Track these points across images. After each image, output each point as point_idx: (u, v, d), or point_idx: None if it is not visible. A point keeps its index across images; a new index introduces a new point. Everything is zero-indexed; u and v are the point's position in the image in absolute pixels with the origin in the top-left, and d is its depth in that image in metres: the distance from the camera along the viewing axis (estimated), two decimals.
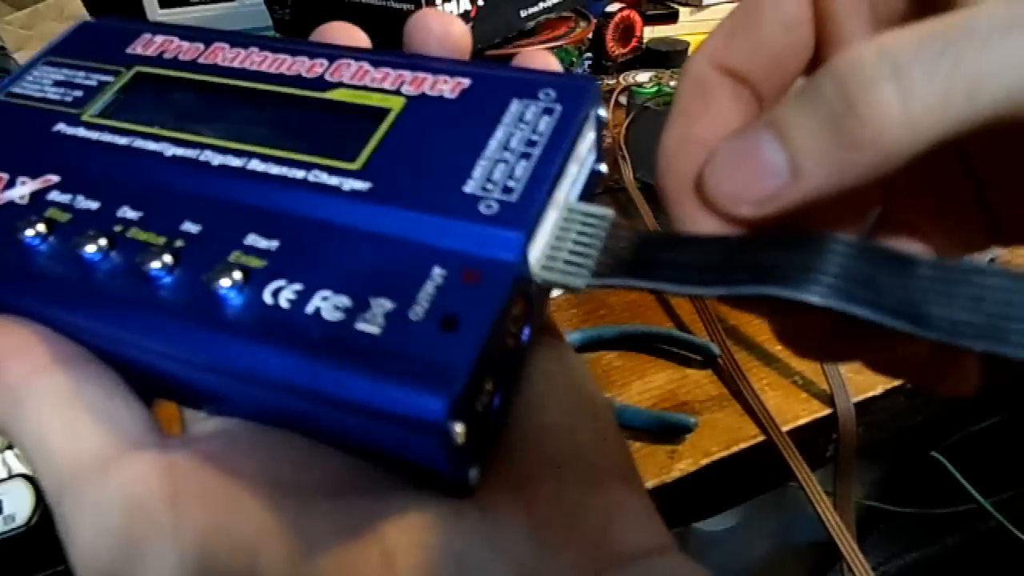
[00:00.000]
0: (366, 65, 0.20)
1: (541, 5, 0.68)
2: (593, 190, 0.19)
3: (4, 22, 0.70)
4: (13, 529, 0.35)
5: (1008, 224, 0.18)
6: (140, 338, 0.16)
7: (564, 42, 0.70)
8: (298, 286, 0.15)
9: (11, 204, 0.18)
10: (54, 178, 0.19)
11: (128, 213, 0.17)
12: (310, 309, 0.15)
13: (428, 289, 0.15)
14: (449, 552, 0.15)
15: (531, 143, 0.17)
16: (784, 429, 0.43)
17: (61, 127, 0.20)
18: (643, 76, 0.73)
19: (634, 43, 0.77)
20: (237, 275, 0.16)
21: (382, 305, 0.15)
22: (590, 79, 0.19)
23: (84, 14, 0.74)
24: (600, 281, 0.16)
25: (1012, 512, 0.76)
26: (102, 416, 0.16)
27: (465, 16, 0.62)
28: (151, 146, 0.19)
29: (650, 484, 0.40)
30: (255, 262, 0.16)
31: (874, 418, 0.46)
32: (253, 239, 0.17)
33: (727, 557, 0.83)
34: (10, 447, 0.38)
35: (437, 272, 0.15)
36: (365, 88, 0.19)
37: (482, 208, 0.16)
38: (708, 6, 0.77)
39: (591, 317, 0.51)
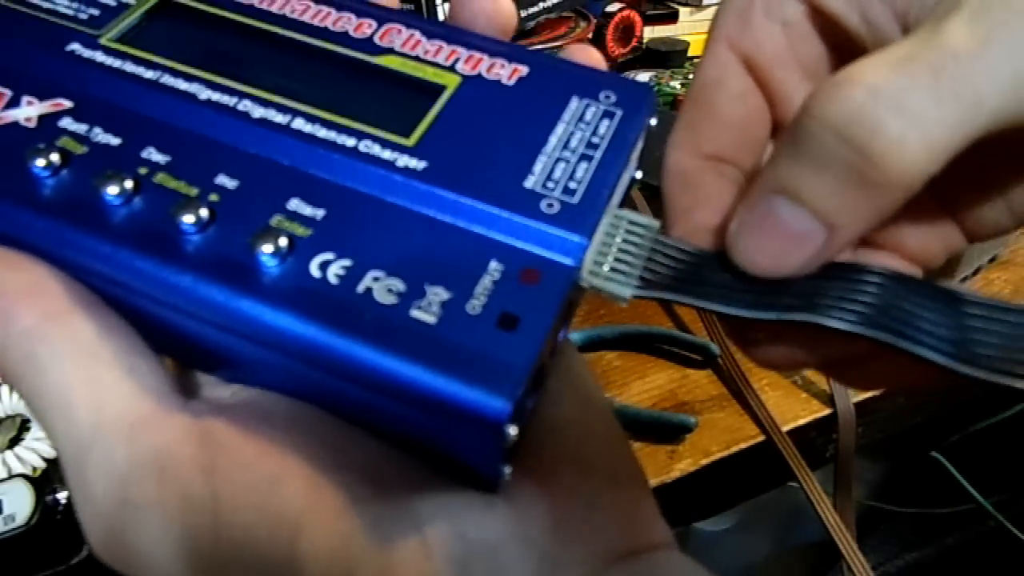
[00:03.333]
0: (418, 34, 0.19)
1: (541, 5, 0.68)
2: (627, 196, 0.19)
3: None
4: (13, 529, 0.35)
5: (969, 224, 0.18)
6: (164, 294, 0.15)
7: (564, 42, 0.69)
8: (347, 262, 0.15)
9: (15, 125, 0.16)
10: (66, 103, 0.17)
11: (154, 155, 0.16)
12: (361, 288, 0.14)
13: (486, 283, 0.15)
14: (484, 544, 0.15)
15: (592, 145, 0.17)
16: (784, 429, 0.43)
17: (76, 47, 0.18)
18: (643, 76, 0.73)
19: (634, 43, 0.77)
20: (282, 241, 0.15)
21: (438, 294, 0.14)
22: (648, 87, 0.19)
23: None
24: (646, 293, 0.16)
25: (1012, 512, 0.76)
26: (126, 370, 0.15)
27: None
28: (182, 84, 0.17)
29: (650, 484, 0.40)
30: (299, 230, 0.15)
31: (874, 418, 0.46)
32: (297, 204, 0.16)
33: (727, 557, 0.83)
34: (10, 447, 0.38)
35: (494, 266, 0.15)
36: (418, 59, 0.18)
37: (543, 207, 0.16)
38: (708, 6, 0.77)
39: (591, 317, 0.51)
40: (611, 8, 0.78)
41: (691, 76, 0.71)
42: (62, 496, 0.36)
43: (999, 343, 0.14)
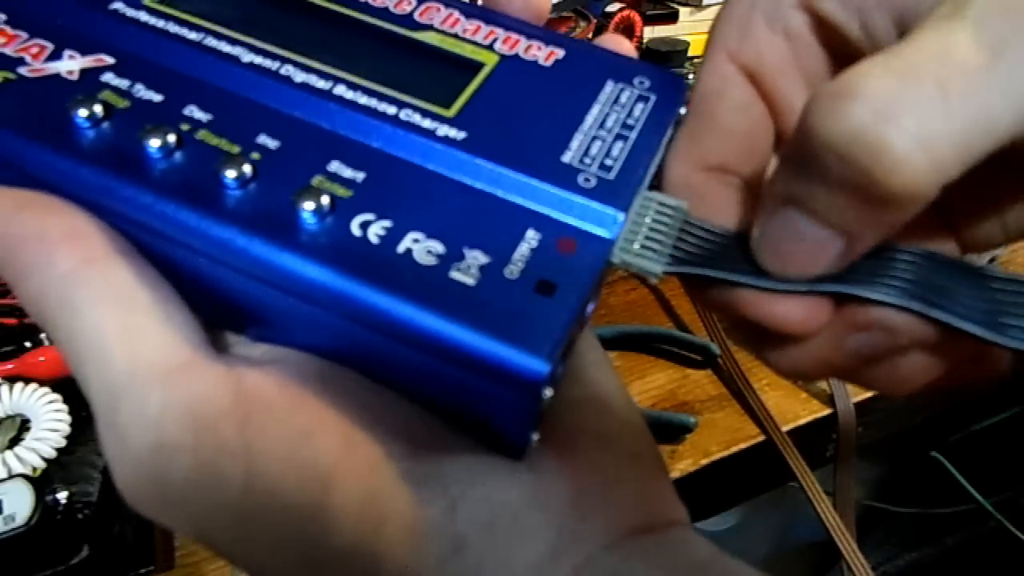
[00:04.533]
0: (456, 13, 0.19)
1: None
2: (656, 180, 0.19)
3: None
4: (13, 529, 0.35)
5: (961, 237, 0.18)
6: (205, 246, 0.15)
7: None
8: (387, 223, 0.15)
9: (57, 77, 0.17)
10: (108, 59, 0.17)
11: (196, 113, 0.16)
12: (401, 248, 0.15)
13: (523, 250, 0.15)
14: (506, 508, 0.15)
15: (627, 126, 0.18)
16: (784, 429, 0.43)
17: (119, 6, 0.18)
18: None
19: (634, 43, 0.77)
20: (324, 200, 0.15)
21: (477, 258, 0.15)
22: (681, 78, 0.19)
23: None
24: (677, 269, 0.16)
25: (1012, 512, 0.76)
26: (163, 318, 0.15)
27: None
28: (225, 47, 0.18)
29: None
30: (340, 191, 0.15)
31: (874, 418, 0.46)
32: (337, 166, 0.16)
33: None
34: (10, 447, 0.38)
35: (532, 235, 0.15)
36: (457, 37, 0.19)
37: (580, 180, 0.16)
38: (708, 6, 0.77)
39: (591, 317, 0.51)
40: (611, 8, 0.78)
41: (692, 76, 0.71)
42: (62, 496, 0.36)
43: None
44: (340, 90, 0.17)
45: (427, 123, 0.17)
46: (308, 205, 0.15)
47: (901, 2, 0.15)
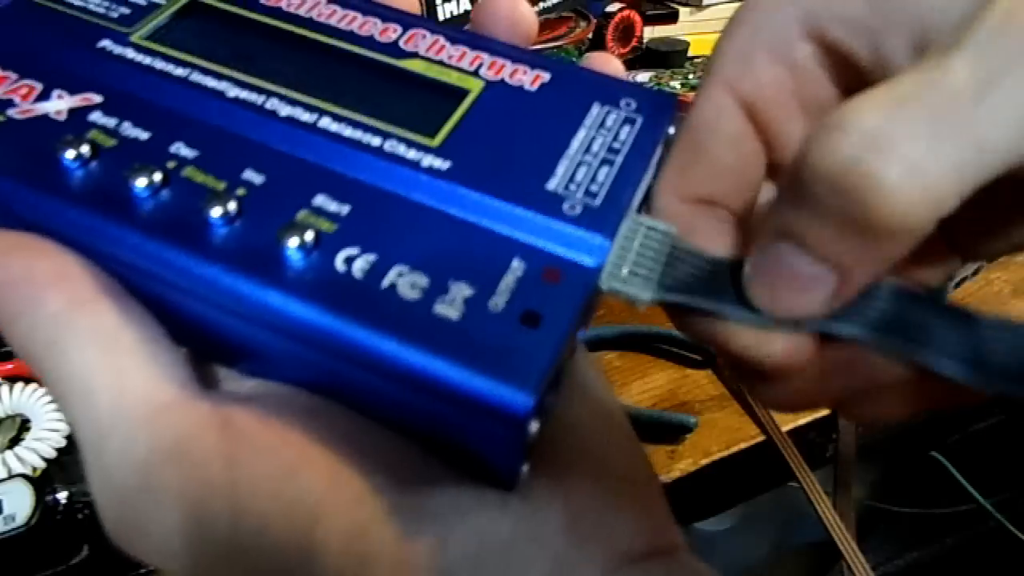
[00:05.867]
0: (442, 40, 0.19)
1: (541, 5, 0.68)
2: (644, 203, 0.19)
3: None
4: (13, 529, 0.35)
5: (967, 252, 0.18)
6: (191, 284, 0.15)
7: (564, 42, 0.69)
8: (372, 257, 0.15)
9: (46, 118, 0.17)
10: (96, 97, 0.17)
11: (183, 150, 0.16)
12: (385, 283, 0.15)
13: (508, 281, 0.15)
14: (497, 541, 0.15)
15: (613, 150, 0.17)
16: (784, 429, 0.43)
17: (106, 44, 0.18)
18: (643, 76, 0.73)
19: (634, 43, 0.77)
20: (309, 235, 0.15)
21: (461, 290, 0.15)
22: (670, 96, 0.19)
23: None
24: (665, 296, 0.16)
25: (1012, 512, 0.76)
26: (148, 358, 0.15)
27: (465, 16, 0.62)
28: (211, 83, 0.18)
29: None
30: (325, 225, 0.15)
31: None
32: (322, 200, 0.16)
33: (727, 557, 0.83)
34: (10, 447, 0.38)
35: (516, 264, 0.15)
36: (442, 64, 0.19)
37: (566, 208, 0.16)
38: (708, 6, 0.77)
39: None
40: (611, 8, 0.78)
41: (691, 76, 0.70)
42: (62, 496, 0.36)
43: (1012, 357, 0.14)
44: (325, 122, 0.17)
45: (411, 153, 0.17)
46: (293, 241, 0.15)
47: (920, 25, 0.14)
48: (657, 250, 0.16)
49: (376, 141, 0.17)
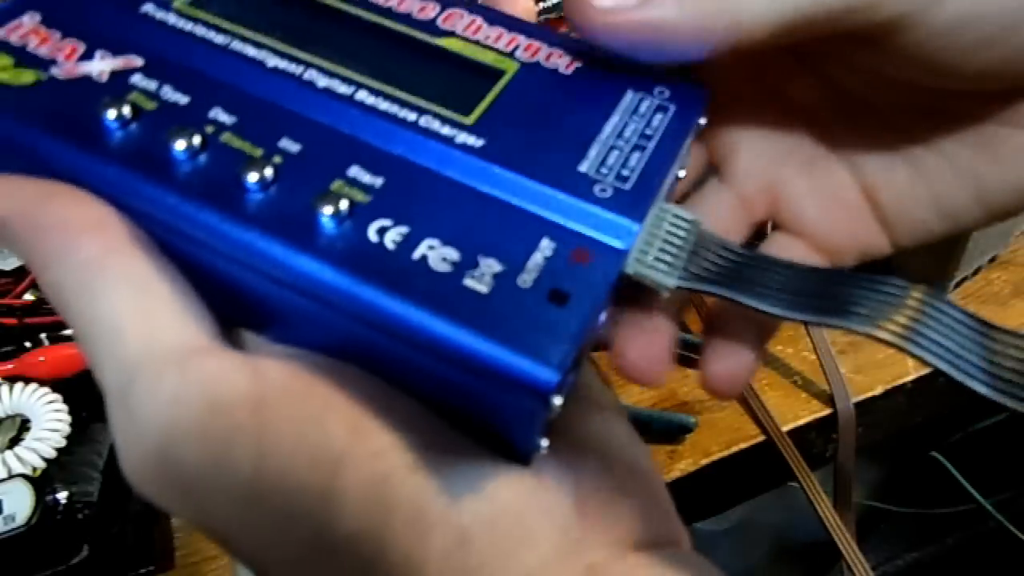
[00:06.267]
0: (479, 20, 0.20)
1: (542, 5, 0.68)
2: (672, 193, 0.19)
3: None
4: (13, 529, 0.35)
5: (892, 222, 0.19)
6: (225, 247, 0.15)
7: None
8: (404, 229, 0.15)
9: (88, 79, 0.17)
10: (138, 60, 0.17)
11: (221, 116, 0.17)
12: (417, 255, 0.15)
13: (537, 259, 0.15)
14: (510, 510, 0.15)
15: (645, 136, 0.18)
16: (784, 429, 0.43)
17: (149, 8, 0.19)
18: None
19: None
20: (343, 204, 0.15)
21: (491, 266, 0.15)
22: (702, 87, 0.19)
23: None
24: (689, 284, 0.16)
25: (1012, 512, 0.76)
26: (180, 307, 0.15)
27: None
28: (251, 51, 0.18)
29: None
30: (359, 196, 0.16)
31: (874, 418, 0.46)
32: (356, 171, 0.16)
33: (727, 557, 0.83)
34: (10, 447, 0.38)
35: (546, 244, 0.16)
36: (479, 43, 0.19)
37: (597, 190, 0.17)
38: None
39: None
40: None
41: None
42: (62, 496, 0.36)
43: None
44: (361, 95, 0.17)
45: (446, 130, 0.17)
46: (327, 210, 0.15)
47: None
48: (684, 238, 0.17)
49: (412, 116, 0.17)
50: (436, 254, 0.15)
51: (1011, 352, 0.15)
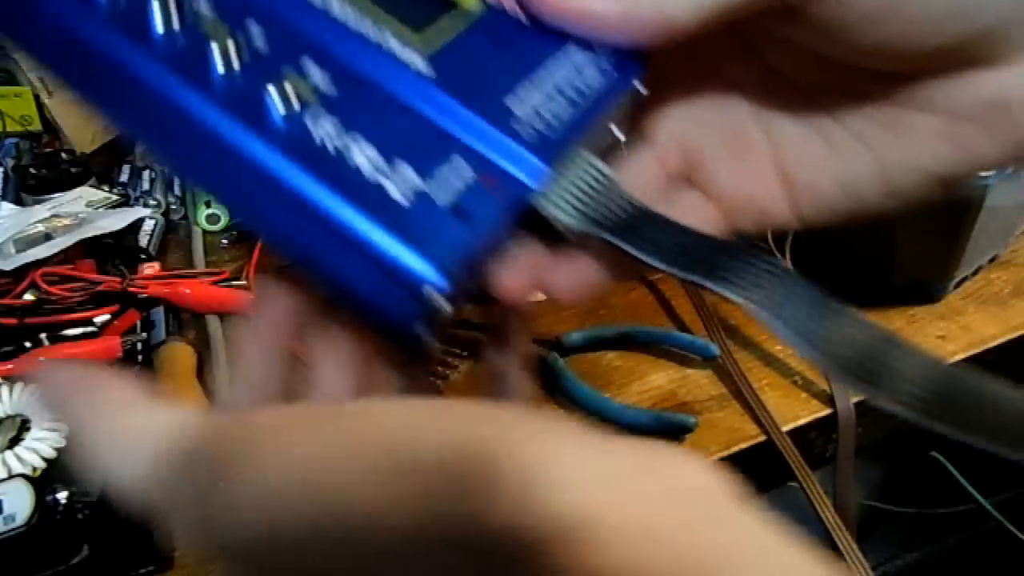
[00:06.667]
0: None
1: None
2: (606, 153, 0.20)
3: None
4: (13, 529, 0.35)
5: (797, 194, 0.20)
6: (188, 112, 0.17)
7: None
8: (338, 125, 0.17)
9: None
10: None
11: (203, 8, 0.18)
12: (344, 149, 0.17)
13: (451, 176, 0.17)
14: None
15: (578, 91, 0.19)
16: (784, 429, 0.43)
17: None
18: None
19: None
20: (290, 93, 0.17)
21: (407, 173, 0.17)
22: (642, 59, 0.20)
23: None
24: (589, 229, 0.18)
25: (1012, 512, 0.76)
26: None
27: None
28: None
29: None
30: (306, 89, 0.17)
31: (874, 418, 0.46)
32: (311, 68, 0.18)
33: None
34: (10, 447, 0.38)
35: (463, 165, 0.17)
36: None
37: (519, 128, 0.18)
38: None
39: (591, 317, 0.51)
40: None
41: None
42: (62, 496, 0.36)
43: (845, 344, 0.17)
44: (331, 4, 0.19)
45: (405, 54, 0.19)
46: (276, 95, 0.17)
47: None
48: (595, 188, 0.18)
49: (374, 33, 0.19)
50: (361, 153, 0.17)
51: (846, 330, 0.17)
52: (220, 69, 0.17)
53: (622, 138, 0.21)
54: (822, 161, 0.20)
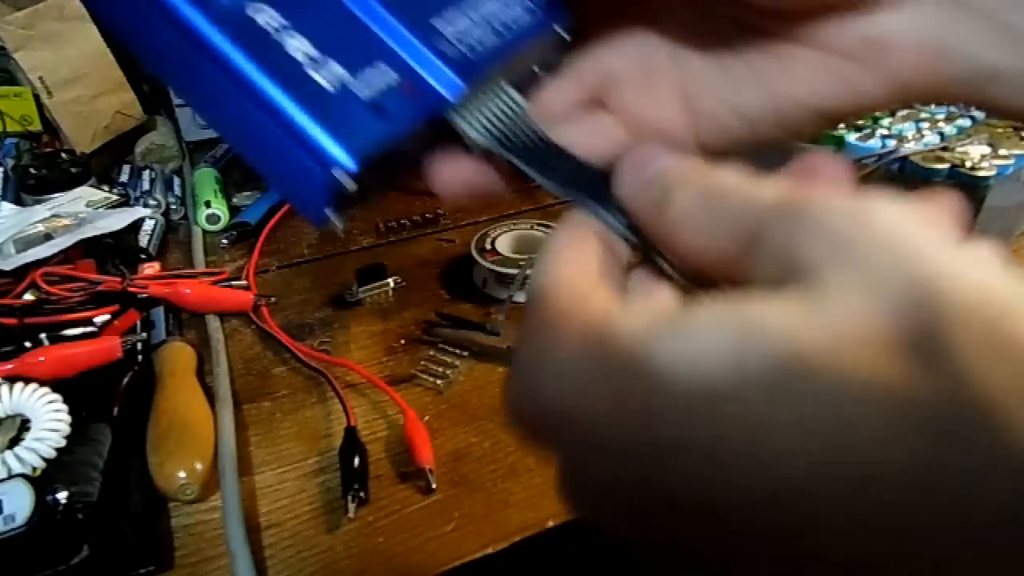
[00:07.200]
0: None
1: None
2: (526, 85, 0.22)
3: (4, 22, 0.70)
4: (13, 529, 0.35)
5: (697, 119, 0.22)
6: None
7: None
8: (280, 18, 0.19)
9: None
10: None
11: None
12: (281, 40, 0.19)
13: (375, 77, 0.19)
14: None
15: (505, 25, 0.22)
16: None
17: None
18: None
19: None
20: None
21: (337, 69, 0.19)
22: (568, 12, 0.23)
23: (84, 14, 0.74)
24: (494, 147, 0.20)
25: None
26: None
27: None
28: None
29: None
30: None
31: None
32: None
33: None
34: (10, 447, 0.38)
35: (387, 69, 0.20)
36: None
37: (443, 46, 0.20)
38: None
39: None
40: None
41: None
42: (62, 496, 0.36)
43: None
44: None
45: None
46: None
47: None
48: (505, 113, 0.21)
49: None
50: (297, 45, 0.19)
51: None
52: None
53: (541, 73, 0.23)
54: (722, 91, 0.22)
